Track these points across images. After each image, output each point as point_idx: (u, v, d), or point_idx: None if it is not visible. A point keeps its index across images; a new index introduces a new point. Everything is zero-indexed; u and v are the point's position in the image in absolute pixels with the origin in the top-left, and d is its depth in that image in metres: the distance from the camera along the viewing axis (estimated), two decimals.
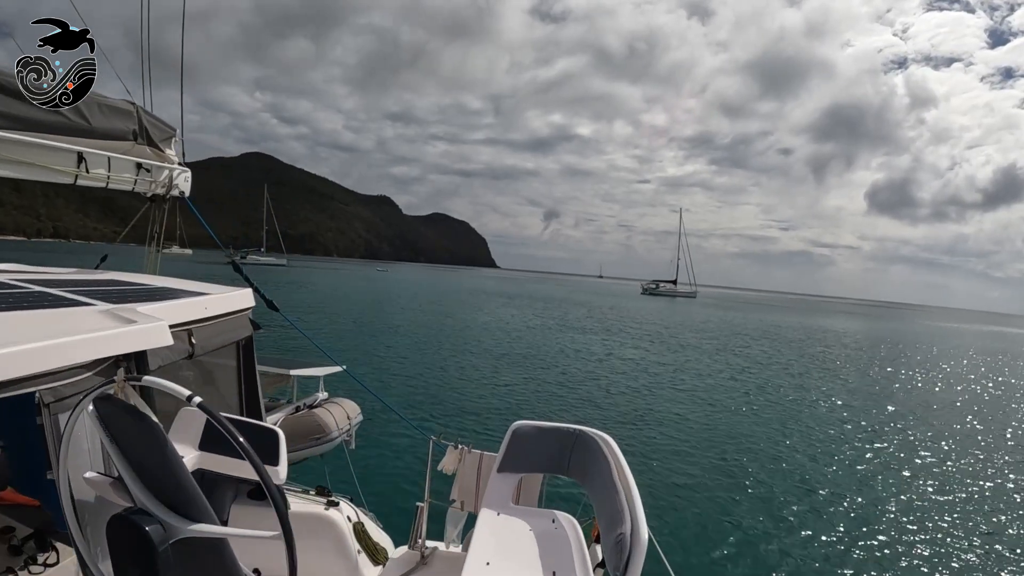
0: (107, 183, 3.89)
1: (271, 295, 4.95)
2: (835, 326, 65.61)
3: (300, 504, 3.70)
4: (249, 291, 3.41)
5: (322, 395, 5.86)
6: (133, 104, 3.98)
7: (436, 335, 25.77)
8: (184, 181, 4.53)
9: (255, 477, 2.24)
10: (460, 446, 3.20)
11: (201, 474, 2.31)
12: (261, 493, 3.95)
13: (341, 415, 5.55)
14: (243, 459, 2.19)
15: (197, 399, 1.48)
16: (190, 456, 2.19)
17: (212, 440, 2.18)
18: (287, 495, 3.72)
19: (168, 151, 4.32)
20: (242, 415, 3.89)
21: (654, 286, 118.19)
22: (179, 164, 4.45)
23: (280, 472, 2.08)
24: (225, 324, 3.03)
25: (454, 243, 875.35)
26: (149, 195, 4.32)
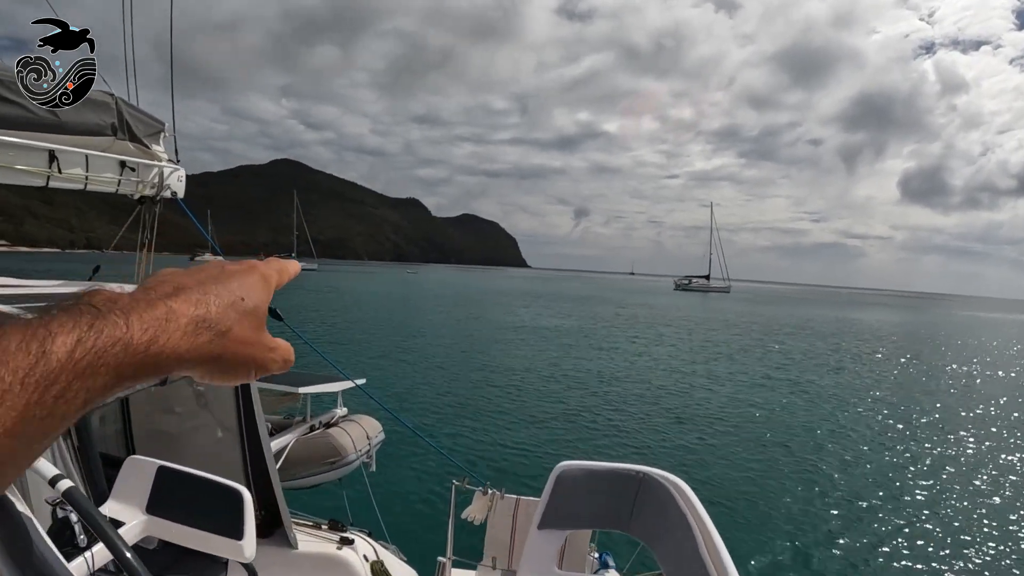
0: (85, 184, 3.44)
1: (300, 300, 4.47)
2: (884, 319, 63.11)
3: (309, 542, 3.31)
4: None
5: (340, 411, 5.36)
6: (112, 95, 3.51)
7: (464, 342, 25.05)
8: (177, 181, 4.05)
9: (215, 551, 1.73)
10: (490, 490, 2.61)
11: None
12: (269, 528, 3.41)
13: (360, 434, 5.02)
14: (199, 528, 1.68)
15: (66, 484, 0.99)
16: (136, 521, 1.70)
17: (163, 502, 1.69)
18: (295, 530, 3.28)
19: (156, 147, 3.85)
20: (242, 439, 3.48)
21: (687, 282, 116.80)
22: (169, 162, 3.98)
23: (245, 548, 1.58)
24: None
25: (484, 243, 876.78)
26: (137, 197, 3.86)
